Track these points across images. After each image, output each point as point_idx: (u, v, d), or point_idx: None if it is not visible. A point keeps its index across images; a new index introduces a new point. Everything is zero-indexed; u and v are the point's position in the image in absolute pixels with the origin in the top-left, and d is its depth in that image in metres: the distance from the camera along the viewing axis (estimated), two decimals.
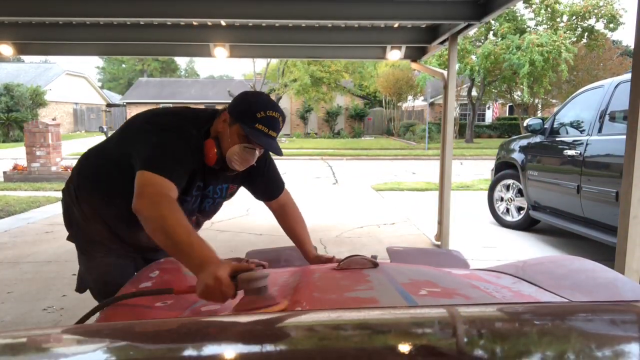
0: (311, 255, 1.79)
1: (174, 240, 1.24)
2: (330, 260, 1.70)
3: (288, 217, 1.85)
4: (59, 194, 1.88)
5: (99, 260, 1.74)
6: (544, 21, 20.35)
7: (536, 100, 21.53)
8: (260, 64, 27.84)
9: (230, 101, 1.60)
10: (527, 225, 5.79)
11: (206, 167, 1.57)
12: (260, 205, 1.94)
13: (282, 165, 15.87)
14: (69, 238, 1.81)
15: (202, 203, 1.68)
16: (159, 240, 1.28)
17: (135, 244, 1.72)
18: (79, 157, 1.82)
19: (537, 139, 5.50)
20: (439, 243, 5.04)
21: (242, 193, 1.87)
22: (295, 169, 13.51)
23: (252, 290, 1.05)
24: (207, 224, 1.92)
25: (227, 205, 1.88)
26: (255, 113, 1.47)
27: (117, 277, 1.65)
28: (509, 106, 29.19)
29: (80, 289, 1.88)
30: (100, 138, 22.91)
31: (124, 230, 1.68)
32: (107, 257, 1.73)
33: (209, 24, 4.95)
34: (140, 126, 1.60)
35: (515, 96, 22.24)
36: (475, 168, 13.08)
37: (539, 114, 22.54)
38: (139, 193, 1.33)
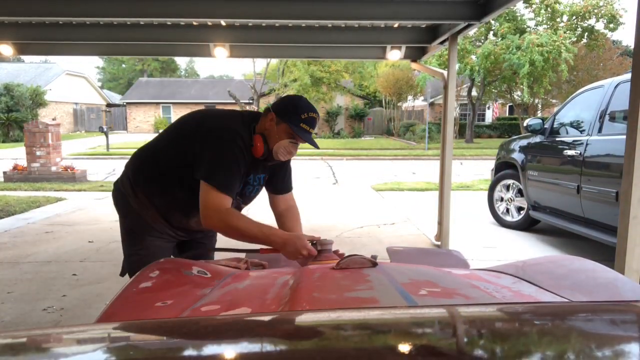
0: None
1: (252, 238, 1.68)
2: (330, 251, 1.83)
3: (293, 219, 2.06)
4: (59, 194, 1.90)
5: (148, 243, 1.95)
6: (544, 21, 20.35)
7: (536, 100, 21.54)
8: (260, 64, 27.92)
9: (275, 102, 1.92)
10: (527, 225, 5.79)
11: (252, 159, 1.83)
12: (260, 205, 2.00)
13: None
14: (122, 224, 2.01)
15: (244, 189, 1.92)
16: (242, 240, 1.70)
17: (185, 228, 1.99)
18: (132, 151, 2.10)
19: (537, 139, 5.50)
20: (439, 243, 5.04)
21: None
22: (296, 169, 13.48)
23: (326, 250, 1.62)
24: None
25: None
26: (300, 115, 1.79)
27: (161, 256, 1.86)
28: (509, 106, 29.20)
29: (122, 272, 2.04)
30: (100, 138, 22.91)
31: (176, 216, 1.94)
32: (157, 240, 1.97)
33: (209, 24, 4.95)
34: (197, 130, 1.83)
35: (515, 96, 22.25)
36: (475, 168, 13.08)
37: (539, 114, 22.54)
38: (207, 215, 1.70)
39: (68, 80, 31.73)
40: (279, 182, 2.09)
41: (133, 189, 1.94)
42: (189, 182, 1.78)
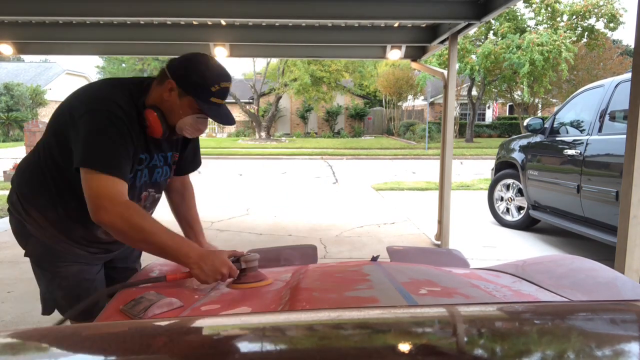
0: (203, 245, 1.67)
1: (158, 246, 1.30)
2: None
3: (187, 200, 1.78)
4: None
5: (63, 271, 1.56)
6: (544, 20, 20.34)
7: (536, 100, 21.54)
8: (260, 63, 27.88)
9: (173, 65, 1.47)
10: (527, 224, 5.79)
11: (148, 138, 1.49)
12: (261, 205, 1.95)
13: (283, 164, 15.98)
14: (26, 255, 1.62)
15: (151, 175, 1.57)
16: (144, 249, 1.37)
17: (93, 241, 1.59)
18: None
19: (537, 138, 5.50)
20: (439, 242, 5.04)
21: (243, 193, 1.87)
22: (296, 169, 13.51)
23: (251, 268, 1.32)
24: (206, 224, 1.91)
25: (227, 204, 1.87)
26: (210, 87, 1.41)
27: (88, 284, 1.59)
28: (509, 106, 29.20)
29: (47, 310, 1.65)
30: None
31: (79, 230, 1.54)
32: (72, 266, 1.58)
33: (209, 23, 4.95)
34: (64, 111, 1.45)
35: (515, 96, 22.25)
36: (475, 167, 13.08)
37: (539, 114, 22.56)
38: (97, 205, 1.30)
39: (68, 80, 31.71)
40: (187, 160, 1.74)
41: (24, 207, 1.55)
42: (79, 183, 1.37)
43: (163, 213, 1.77)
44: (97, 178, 1.31)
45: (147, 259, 1.60)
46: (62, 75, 31.08)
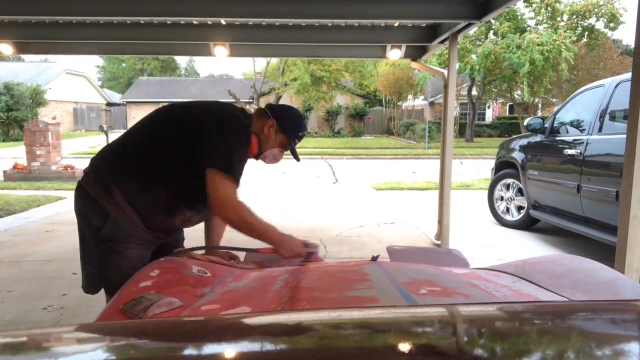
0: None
1: (259, 234, 1.67)
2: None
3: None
4: (59, 193, 1.86)
5: (129, 253, 1.73)
6: (544, 20, 20.33)
7: (536, 100, 21.54)
8: (261, 63, 27.90)
9: (272, 106, 1.95)
10: (527, 224, 5.79)
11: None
12: (260, 204, 2.00)
13: (283, 164, 15.76)
14: (99, 232, 1.73)
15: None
16: (248, 235, 1.69)
17: (165, 229, 1.84)
18: (96, 151, 1.88)
19: (537, 138, 5.50)
20: (439, 242, 5.04)
21: (242, 193, 1.88)
22: (296, 168, 13.51)
23: (314, 252, 1.73)
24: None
25: None
26: (299, 132, 1.93)
27: (141, 267, 1.68)
28: (509, 105, 29.19)
29: (93, 289, 1.82)
30: (100, 137, 22.88)
31: (159, 217, 1.77)
32: (136, 249, 1.76)
33: (209, 23, 4.95)
34: (196, 115, 1.76)
35: (515, 95, 22.24)
36: (475, 167, 13.08)
37: (539, 113, 22.56)
38: (223, 205, 1.65)
39: (68, 79, 31.72)
40: None
41: (107, 189, 1.70)
42: (177, 176, 1.70)
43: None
44: (225, 182, 1.63)
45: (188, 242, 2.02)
46: (62, 74, 31.07)
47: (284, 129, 1.87)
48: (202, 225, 2.04)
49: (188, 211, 1.82)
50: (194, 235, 2.14)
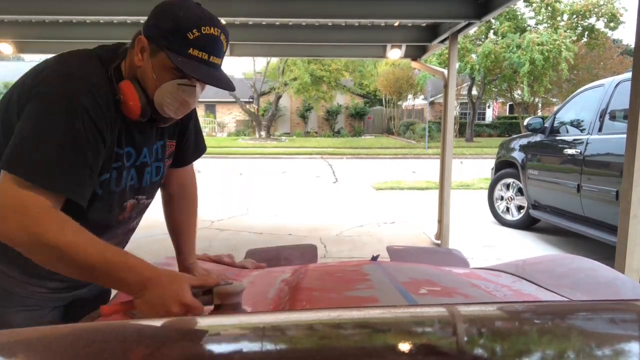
0: (188, 261, 1.38)
1: (83, 267, 0.94)
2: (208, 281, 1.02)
3: (182, 204, 1.42)
4: None
5: (7, 319, 1.15)
6: (545, 20, 20.34)
7: (536, 99, 21.55)
8: (261, 62, 27.88)
9: (150, 24, 1.08)
10: (527, 224, 5.79)
11: (131, 123, 1.11)
12: (260, 204, 1.91)
13: (282, 164, 15.93)
14: None
15: (141, 177, 1.20)
16: (62, 270, 0.96)
17: (53, 275, 1.09)
18: None
19: (537, 138, 5.50)
20: (439, 242, 5.04)
21: (243, 192, 1.84)
22: (296, 168, 13.51)
23: (228, 305, 0.94)
24: (206, 223, 1.74)
25: (227, 203, 1.53)
26: (185, 33, 1.02)
27: None
28: (509, 105, 29.19)
29: None
30: None
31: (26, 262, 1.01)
32: (18, 314, 1.17)
33: None
34: (22, 92, 1.05)
35: (515, 95, 22.25)
36: (475, 167, 13.08)
37: (539, 113, 22.55)
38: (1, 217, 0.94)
39: None
40: (188, 148, 1.35)
41: None
42: None
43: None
44: (11, 186, 0.94)
45: None
46: None
47: (157, 39, 1.05)
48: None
49: None
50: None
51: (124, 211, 1.20)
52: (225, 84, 1.11)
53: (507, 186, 6.05)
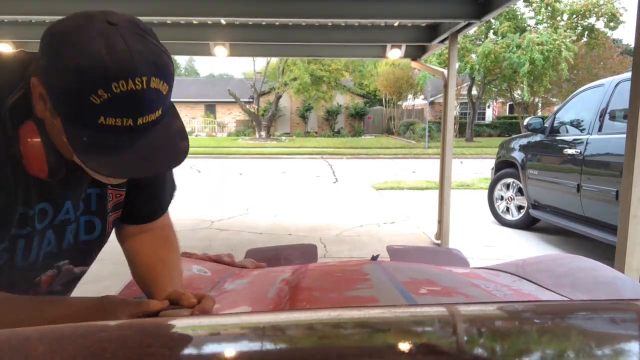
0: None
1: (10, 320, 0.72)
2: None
3: (151, 246, 0.99)
4: None
5: None
6: (544, 20, 20.34)
7: (536, 99, 21.56)
8: (260, 62, 27.89)
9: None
10: (527, 224, 5.80)
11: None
12: (261, 204, 1.89)
13: (282, 164, 15.92)
14: None
15: (61, 239, 0.90)
16: None
17: None
18: None
19: (537, 137, 5.50)
20: (439, 242, 5.04)
21: (243, 192, 1.82)
22: (295, 168, 13.52)
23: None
24: (206, 223, 1.62)
25: (227, 203, 1.30)
26: (87, 97, 0.66)
27: None
28: (509, 105, 29.19)
29: None
30: None
31: None
32: None
33: (209, 22, 4.95)
34: None
35: (515, 95, 22.26)
36: (475, 167, 13.08)
37: (539, 113, 22.56)
38: None
39: None
40: (143, 199, 0.98)
41: None
42: None
43: None
44: None
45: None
46: None
47: (52, 95, 0.70)
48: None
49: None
50: None
51: (37, 287, 0.90)
52: (165, 157, 0.73)
53: (507, 186, 6.05)
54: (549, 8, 19.73)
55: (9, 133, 0.74)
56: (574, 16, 20.10)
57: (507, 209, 6.07)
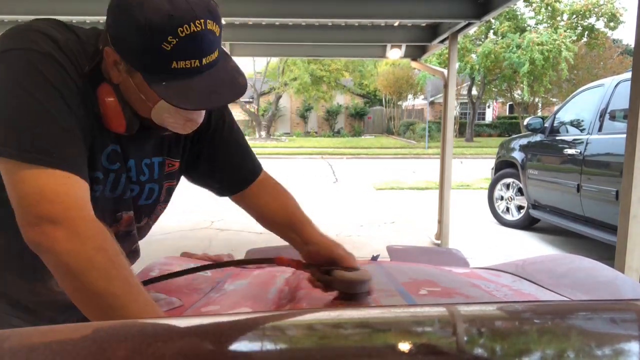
0: (314, 239, 1.16)
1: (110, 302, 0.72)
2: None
3: (279, 195, 1.17)
4: None
5: None
6: (544, 20, 20.34)
7: (536, 99, 21.57)
8: (260, 62, 27.89)
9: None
10: (527, 224, 5.80)
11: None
12: None
13: (282, 164, 15.95)
14: None
15: (123, 189, 0.97)
16: (80, 300, 0.74)
17: (48, 301, 0.98)
18: None
19: (537, 137, 5.50)
20: (439, 242, 5.04)
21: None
22: (295, 168, 13.51)
23: (348, 295, 0.99)
24: (206, 223, 1.63)
25: (227, 203, 1.34)
26: (158, 45, 0.76)
27: None
28: (509, 105, 29.20)
29: None
30: None
31: (16, 282, 0.95)
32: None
33: None
34: None
35: (515, 95, 22.26)
36: (475, 167, 13.08)
37: (539, 113, 22.57)
38: (35, 215, 0.73)
39: None
40: (232, 166, 1.09)
41: None
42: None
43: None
44: (30, 174, 0.74)
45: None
46: None
47: (128, 56, 0.82)
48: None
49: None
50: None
51: (118, 223, 1.00)
52: (231, 90, 0.83)
53: (507, 186, 6.05)
54: (549, 8, 19.73)
55: (91, 97, 0.85)
56: (574, 16, 20.10)
57: (507, 209, 6.07)
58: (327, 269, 0.98)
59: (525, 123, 5.66)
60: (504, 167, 6.18)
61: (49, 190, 0.74)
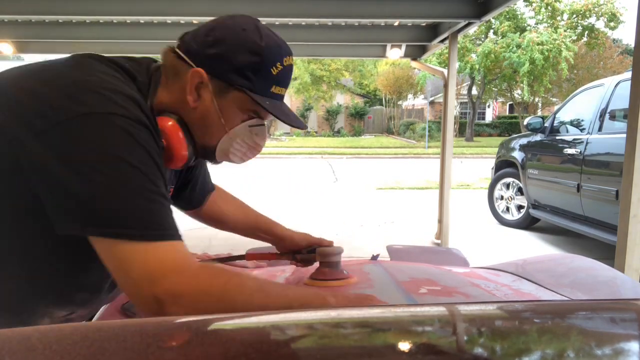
0: (287, 233, 1.32)
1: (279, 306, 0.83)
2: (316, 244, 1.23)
3: (230, 203, 1.31)
4: None
5: None
6: (545, 19, 20.34)
7: (536, 99, 21.57)
8: None
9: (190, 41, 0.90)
10: (527, 223, 5.80)
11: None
12: (260, 203, 1.89)
13: (282, 164, 15.92)
14: None
15: None
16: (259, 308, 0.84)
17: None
18: None
19: (537, 137, 5.50)
20: (439, 241, 5.04)
21: (242, 192, 1.83)
22: (295, 168, 13.51)
23: (327, 263, 1.14)
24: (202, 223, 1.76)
25: None
26: (270, 68, 0.86)
27: None
28: (509, 105, 29.21)
29: None
30: None
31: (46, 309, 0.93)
32: None
33: None
34: (8, 118, 0.75)
35: (515, 95, 22.27)
36: (475, 167, 13.08)
37: (539, 113, 22.58)
38: (166, 300, 0.74)
39: None
40: (195, 187, 1.18)
41: None
42: (17, 246, 0.81)
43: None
44: (133, 248, 0.72)
45: None
46: None
47: (228, 74, 0.85)
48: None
49: (59, 308, 0.94)
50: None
51: None
52: (297, 119, 1.00)
53: (507, 186, 6.05)
54: (549, 8, 19.73)
55: (156, 129, 0.83)
56: (574, 16, 20.10)
57: (507, 208, 6.07)
58: (309, 250, 1.23)
59: (525, 123, 5.66)
60: (504, 166, 6.18)
61: (173, 262, 0.76)
